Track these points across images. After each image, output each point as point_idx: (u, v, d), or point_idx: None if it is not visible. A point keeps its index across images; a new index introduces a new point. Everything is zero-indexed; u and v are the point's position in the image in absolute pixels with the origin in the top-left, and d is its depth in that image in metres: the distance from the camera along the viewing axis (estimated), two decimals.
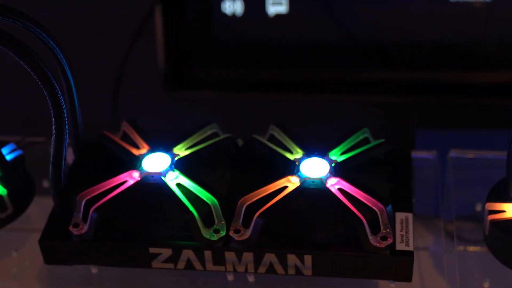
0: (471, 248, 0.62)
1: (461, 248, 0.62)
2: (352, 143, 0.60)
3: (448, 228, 0.64)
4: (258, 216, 0.55)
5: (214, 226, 0.57)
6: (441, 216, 0.64)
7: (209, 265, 0.58)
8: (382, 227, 0.56)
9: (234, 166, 0.61)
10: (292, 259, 0.56)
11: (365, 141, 0.61)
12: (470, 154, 0.65)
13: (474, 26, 0.77)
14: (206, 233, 0.56)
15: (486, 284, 0.59)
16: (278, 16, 0.77)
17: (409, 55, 0.78)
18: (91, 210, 0.57)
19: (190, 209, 0.56)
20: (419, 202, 0.66)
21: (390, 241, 0.55)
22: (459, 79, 0.78)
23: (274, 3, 0.76)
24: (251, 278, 0.59)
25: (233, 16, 0.77)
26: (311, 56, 0.78)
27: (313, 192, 0.57)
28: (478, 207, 0.63)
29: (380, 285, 0.60)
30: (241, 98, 0.79)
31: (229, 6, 0.77)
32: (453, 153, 0.66)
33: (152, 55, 0.80)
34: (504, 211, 0.56)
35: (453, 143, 0.69)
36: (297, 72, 0.79)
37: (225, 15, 0.77)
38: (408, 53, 0.78)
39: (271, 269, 0.57)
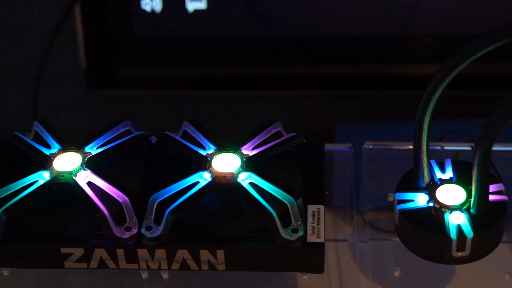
0: (383, 238, 0.62)
1: (374, 238, 0.63)
2: (264, 138, 0.60)
3: (363, 219, 0.64)
4: (169, 213, 0.54)
5: (126, 223, 0.55)
6: (354, 207, 0.64)
7: (122, 264, 0.56)
8: (293, 220, 0.55)
9: (147, 163, 0.60)
10: (204, 254, 0.56)
11: (277, 135, 0.60)
12: (384, 146, 0.65)
13: (394, 20, 0.77)
14: (118, 231, 0.55)
15: (397, 273, 0.60)
16: (197, 12, 0.76)
17: (330, 50, 0.78)
18: (1, 211, 0.55)
19: (101, 208, 0.54)
20: (336, 194, 0.66)
21: (300, 233, 0.55)
22: (378, 73, 0.78)
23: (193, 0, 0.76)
24: (165, 275, 0.58)
25: (152, 12, 0.76)
26: (231, 51, 0.78)
27: (224, 187, 0.56)
28: (391, 197, 0.63)
29: (294, 277, 0.59)
30: (162, 95, 0.78)
31: (147, 3, 0.76)
32: (367, 145, 0.66)
33: (74, 53, 0.78)
34: (412, 200, 0.56)
35: (373, 135, 0.70)
36: (217, 68, 0.78)
37: (144, 12, 0.76)
38: (328, 47, 0.78)
39: (184, 265, 0.56)
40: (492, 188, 0.56)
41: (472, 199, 0.54)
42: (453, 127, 0.64)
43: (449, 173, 0.58)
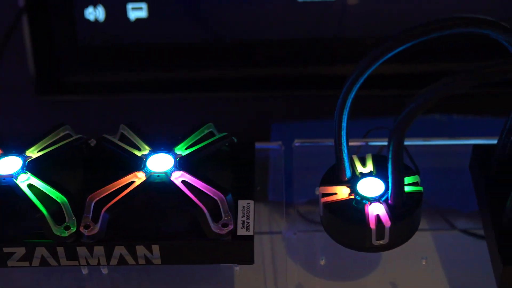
0: (312, 229, 0.64)
1: (303, 230, 0.64)
2: (196, 138, 0.61)
3: (294, 212, 0.66)
4: (105, 211, 0.56)
5: (65, 223, 0.57)
6: (284, 202, 0.65)
7: (63, 261, 0.58)
8: (223, 215, 0.57)
9: (87, 165, 0.62)
10: (141, 250, 0.57)
11: (209, 135, 0.62)
12: (313, 143, 0.67)
13: (328, 24, 0.79)
14: (57, 230, 0.56)
15: (322, 262, 0.62)
16: (138, 21, 0.77)
17: (267, 53, 0.80)
18: None
19: (40, 208, 0.56)
20: (271, 189, 0.68)
21: (230, 227, 0.57)
22: (313, 74, 0.80)
23: (134, 8, 0.77)
24: (104, 270, 0.60)
25: (96, 22, 0.78)
26: (172, 57, 0.79)
27: (158, 186, 0.58)
28: (317, 191, 0.65)
29: (228, 268, 0.61)
30: (107, 99, 0.79)
31: (91, 13, 0.77)
32: (297, 143, 0.68)
33: (22, 62, 0.79)
34: (335, 193, 0.58)
35: (307, 132, 0.71)
36: (158, 73, 0.80)
37: (88, 21, 0.77)
38: (266, 50, 0.80)
39: (122, 260, 0.58)
40: (407, 180, 0.58)
41: (389, 191, 0.57)
42: (377, 124, 0.67)
43: (369, 167, 0.60)
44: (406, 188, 0.58)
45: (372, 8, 0.78)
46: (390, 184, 0.56)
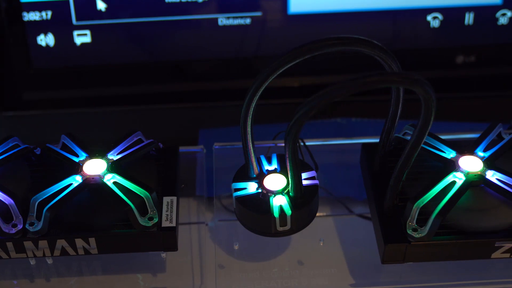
0: (229, 219, 0.64)
1: (222, 219, 0.65)
2: (127, 144, 0.61)
3: (214, 204, 0.66)
4: (47, 210, 0.56)
5: (12, 222, 0.56)
6: (204, 197, 0.66)
7: (13, 254, 0.57)
8: (149, 210, 0.57)
9: (33, 171, 0.61)
10: (79, 242, 0.57)
11: (138, 141, 0.62)
12: (230, 145, 0.68)
13: (248, 45, 0.79)
14: (6, 228, 0.56)
15: (236, 246, 0.62)
16: (84, 45, 0.77)
17: (195, 70, 0.80)
18: None
19: None
20: (198, 186, 0.68)
21: (156, 220, 0.57)
22: (234, 87, 0.80)
23: (79, 35, 0.76)
24: (49, 261, 0.59)
25: (47, 47, 0.77)
26: (113, 75, 0.79)
27: (93, 187, 0.58)
28: None
29: (156, 255, 0.61)
30: (57, 114, 0.79)
31: (42, 40, 0.76)
32: (216, 146, 0.68)
33: None
34: (245, 188, 0.59)
35: (228, 137, 0.71)
36: (101, 90, 0.79)
37: (40, 46, 0.76)
38: (194, 68, 0.80)
39: (64, 251, 0.58)
40: (306, 175, 0.59)
41: (290, 185, 0.57)
42: (285, 128, 0.67)
43: (274, 165, 0.60)
44: (304, 182, 0.58)
45: (283, 30, 0.78)
46: (289, 179, 0.57)
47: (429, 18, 0.78)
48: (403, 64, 0.81)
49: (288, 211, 0.57)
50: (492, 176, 0.58)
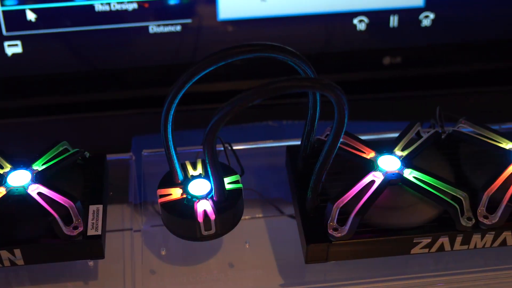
0: (157, 225, 0.64)
1: (153, 225, 0.65)
2: (52, 154, 0.60)
3: (144, 210, 0.65)
4: None
5: None
6: (133, 203, 0.65)
7: None
8: (74, 219, 0.56)
9: None
10: (5, 254, 0.56)
11: (64, 151, 0.61)
12: (159, 152, 0.67)
13: (181, 50, 0.79)
14: None
15: (163, 252, 0.62)
16: (15, 55, 0.76)
17: (129, 78, 0.80)
18: None
19: None
20: (125, 194, 0.67)
21: (81, 229, 0.56)
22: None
23: (10, 45, 0.75)
24: None
25: None
26: (46, 84, 0.78)
27: (17, 198, 0.57)
28: None
29: (84, 263, 0.60)
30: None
31: None
32: (145, 152, 0.68)
33: None
34: (170, 194, 0.59)
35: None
36: (35, 99, 0.78)
37: None
38: (129, 75, 0.80)
39: None
40: (230, 179, 0.59)
41: (213, 189, 0.57)
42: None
43: (199, 170, 0.60)
44: (228, 186, 0.59)
45: (215, 36, 0.78)
46: (212, 184, 0.57)
47: (355, 21, 0.79)
48: (334, 67, 0.82)
49: (212, 215, 0.57)
50: (410, 174, 0.59)
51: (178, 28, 0.77)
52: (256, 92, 0.49)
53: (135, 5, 0.75)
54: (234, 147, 0.69)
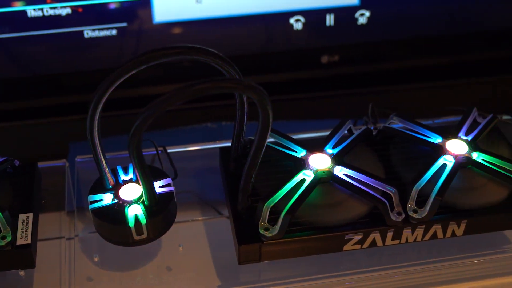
0: (91, 232, 0.63)
1: (90, 231, 0.63)
2: None
3: (75, 218, 0.64)
4: None
5: None
6: (65, 209, 0.64)
7: None
8: (1, 229, 0.55)
9: None
10: None
11: None
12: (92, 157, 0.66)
13: (117, 54, 0.78)
14: None
15: (96, 258, 0.61)
16: None
17: (67, 83, 0.79)
18: None
19: None
20: (59, 201, 0.66)
21: (9, 239, 0.55)
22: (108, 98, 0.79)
23: None
24: None
25: None
26: None
27: None
28: None
29: (15, 274, 0.59)
30: None
31: None
32: (78, 158, 0.67)
33: None
34: (100, 200, 0.58)
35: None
36: None
37: None
38: (66, 81, 0.79)
39: None
40: (161, 182, 0.59)
41: (143, 194, 0.57)
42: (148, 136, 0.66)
43: (130, 175, 0.60)
44: (160, 190, 0.58)
45: (151, 40, 0.78)
46: (142, 188, 0.56)
47: (292, 21, 0.79)
48: (273, 67, 0.82)
49: (143, 220, 0.56)
50: (340, 171, 0.59)
51: (114, 32, 0.76)
52: (176, 95, 0.48)
53: (68, 10, 0.74)
54: (173, 150, 0.69)
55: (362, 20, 0.80)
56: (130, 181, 0.59)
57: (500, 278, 0.63)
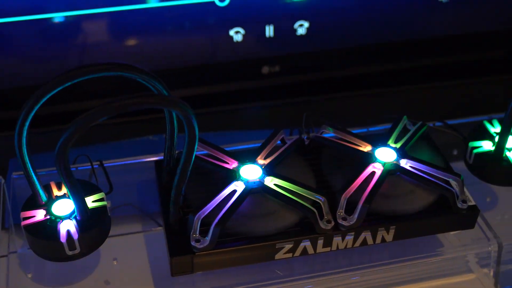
0: (26, 249, 0.63)
1: (23, 249, 0.63)
2: None
3: (10, 235, 0.64)
4: None
5: None
6: (3, 226, 0.64)
7: None
8: None
9: None
10: None
11: None
12: None
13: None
14: None
15: (29, 275, 0.61)
16: None
17: (8, 98, 0.79)
18: None
19: None
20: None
21: None
22: (57, 111, 0.79)
23: None
24: None
25: None
26: None
27: None
28: None
29: None
30: None
31: None
32: (15, 175, 0.67)
33: None
34: (34, 216, 0.58)
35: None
36: None
37: None
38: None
39: None
40: (94, 197, 0.59)
41: (75, 209, 0.57)
42: (83, 151, 0.67)
43: (64, 191, 0.60)
44: (92, 204, 0.59)
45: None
46: (73, 203, 0.57)
47: (231, 33, 0.80)
48: (213, 79, 0.83)
49: (75, 234, 0.56)
50: (271, 182, 0.60)
51: None
52: (100, 110, 0.49)
53: None
54: (112, 164, 0.69)
55: (301, 31, 0.82)
56: (63, 197, 0.59)
57: (433, 281, 0.65)
